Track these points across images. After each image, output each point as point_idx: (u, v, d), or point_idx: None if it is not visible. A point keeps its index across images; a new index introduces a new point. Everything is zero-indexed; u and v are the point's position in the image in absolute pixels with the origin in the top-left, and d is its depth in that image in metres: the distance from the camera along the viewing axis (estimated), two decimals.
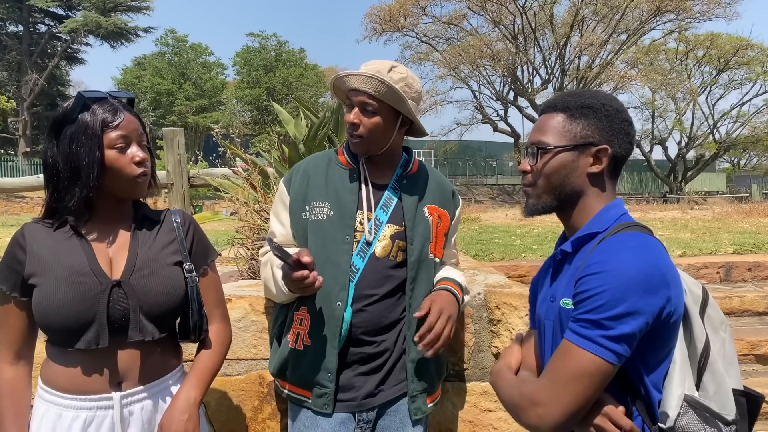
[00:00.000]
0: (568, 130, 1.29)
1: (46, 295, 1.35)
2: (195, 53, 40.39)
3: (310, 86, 39.49)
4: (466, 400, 2.30)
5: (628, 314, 1.10)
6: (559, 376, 1.15)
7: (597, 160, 1.28)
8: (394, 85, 1.69)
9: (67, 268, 1.38)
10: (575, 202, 1.31)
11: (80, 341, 1.37)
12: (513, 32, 28.99)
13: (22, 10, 30.60)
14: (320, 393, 1.72)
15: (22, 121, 30.19)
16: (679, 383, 1.18)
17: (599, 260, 1.16)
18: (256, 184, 3.23)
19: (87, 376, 1.39)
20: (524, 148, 1.38)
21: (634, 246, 1.16)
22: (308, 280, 1.55)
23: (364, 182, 1.80)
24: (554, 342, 1.28)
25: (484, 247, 7.03)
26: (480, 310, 2.31)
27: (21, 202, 18.84)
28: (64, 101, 1.45)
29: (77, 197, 1.38)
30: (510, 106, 31.26)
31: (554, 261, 1.36)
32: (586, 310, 1.14)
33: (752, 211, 14.10)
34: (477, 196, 31.30)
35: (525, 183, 1.38)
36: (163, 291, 1.45)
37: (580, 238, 1.29)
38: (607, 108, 1.29)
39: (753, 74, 31.96)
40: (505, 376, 1.35)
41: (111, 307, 1.38)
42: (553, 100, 1.36)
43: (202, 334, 1.56)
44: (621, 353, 1.11)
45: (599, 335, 1.11)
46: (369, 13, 31.23)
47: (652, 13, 27.41)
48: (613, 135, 1.28)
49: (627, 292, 1.10)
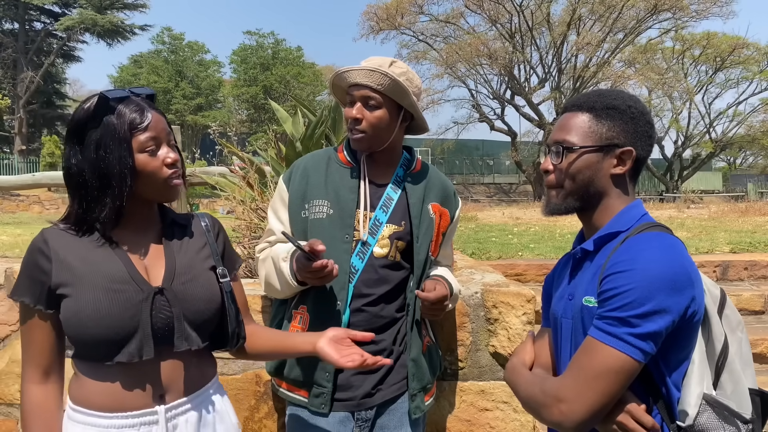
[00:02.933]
0: (594, 130, 1.29)
1: (82, 305, 1.25)
2: (192, 51, 40.30)
3: (307, 85, 39.43)
4: (463, 400, 2.30)
5: (655, 312, 1.10)
6: (584, 372, 1.15)
7: (621, 162, 1.29)
8: (398, 78, 1.68)
9: (105, 276, 1.27)
10: (597, 202, 1.32)
11: (121, 353, 1.26)
12: (510, 31, 28.98)
13: (18, 8, 30.45)
14: (318, 392, 1.72)
15: (18, 119, 30.07)
16: (698, 382, 1.18)
17: (625, 258, 1.16)
18: (253, 182, 3.23)
19: (128, 391, 1.29)
20: (545, 146, 1.37)
21: (660, 245, 1.17)
22: (327, 269, 1.56)
23: (364, 181, 1.79)
24: (573, 340, 1.28)
25: (481, 245, 7.04)
26: (477, 309, 2.31)
27: (17, 200, 18.77)
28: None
29: (109, 207, 1.28)
30: (507, 104, 31.25)
31: (574, 259, 1.36)
32: (612, 308, 1.14)
33: (748, 210, 14.13)
34: (474, 194, 31.33)
35: (549, 184, 1.36)
36: (205, 297, 1.38)
37: (602, 237, 1.28)
38: (633, 110, 1.29)
39: (749, 73, 32.04)
40: (522, 373, 1.34)
41: (154, 316, 1.30)
42: (577, 99, 1.36)
43: (240, 342, 1.47)
44: (647, 351, 1.12)
45: (626, 332, 1.12)
46: (366, 11, 31.23)
47: (649, 12, 27.43)
48: (637, 137, 1.29)
49: (654, 291, 1.10)
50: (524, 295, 2.30)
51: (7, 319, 2.48)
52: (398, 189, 1.82)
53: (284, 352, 1.55)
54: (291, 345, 1.50)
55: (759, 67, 31.60)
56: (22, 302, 1.29)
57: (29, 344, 1.31)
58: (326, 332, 1.44)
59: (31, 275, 1.28)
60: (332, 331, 1.44)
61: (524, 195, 30.21)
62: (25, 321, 1.31)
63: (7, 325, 2.48)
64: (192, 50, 40.33)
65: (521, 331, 2.28)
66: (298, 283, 1.68)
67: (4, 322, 2.48)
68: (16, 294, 1.30)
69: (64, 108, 34.62)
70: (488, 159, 37.17)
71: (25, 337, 1.32)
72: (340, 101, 1.88)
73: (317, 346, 1.42)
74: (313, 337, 1.45)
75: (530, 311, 2.30)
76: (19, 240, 6.72)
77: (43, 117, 32.31)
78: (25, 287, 1.28)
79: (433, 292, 1.68)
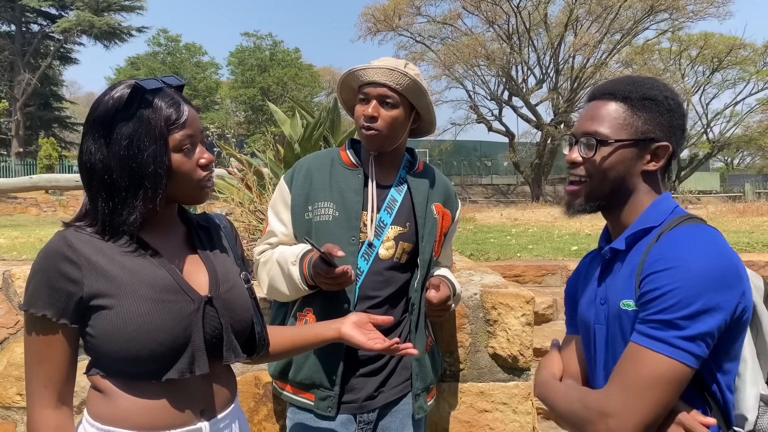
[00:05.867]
0: (629, 123, 1.19)
1: (130, 318, 1.12)
2: (189, 53, 40.32)
3: (304, 86, 39.45)
4: (463, 401, 2.30)
5: (704, 311, 1.01)
6: (632, 383, 1.06)
7: (655, 157, 1.20)
8: (417, 78, 1.69)
9: (150, 285, 1.15)
10: (625, 200, 1.22)
11: (172, 370, 1.16)
12: (507, 32, 29.00)
13: (14, 10, 30.41)
14: (324, 395, 1.71)
15: (15, 122, 29.99)
16: (753, 382, 1.11)
17: (666, 256, 1.07)
18: (251, 184, 3.23)
19: (173, 408, 1.18)
20: (569, 136, 1.25)
21: (702, 239, 1.08)
22: (348, 274, 1.57)
23: (372, 182, 1.78)
24: (610, 347, 1.20)
25: (479, 246, 7.04)
26: (476, 310, 2.31)
27: (14, 202, 18.72)
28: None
29: (139, 210, 1.15)
30: (505, 105, 31.25)
31: (603, 260, 1.26)
32: (656, 310, 1.05)
33: (746, 210, 14.16)
34: (472, 195, 31.33)
35: (575, 177, 1.25)
36: (245, 305, 1.30)
37: (634, 234, 1.19)
38: (670, 101, 1.20)
39: (746, 74, 32.10)
40: (556, 387, 1.25)
41: (205, 327, 1.20)
42: (610, 87, 1.24)
43: (265, 349, 1.38)
44: (699, 354, 1.03)
45: (674, 336, 1.03)
46: (363, 12, 31.23)
47: (646, 13, 27.47)
48: (672, 131, 1.20)
49: (702, 288, 1.02)
50: (523, 297, 2.30)
51: (5, 322, 2.47)
52: (402, 190, 1.82)
53: (306, 344, 1.48)
54: (313, 335, 1.45)
55: (756, 67, 31.67)
56: (43, 316, 1.11)
57: (43, 363, 1.14)
58: (348, 317, 1.45)
59: (55, 285, 1.11)
60: (354, 317, 1.45)
61: (522, 196, 30.21)
62: (40, 337, 1.14)
63: (5, 328, 2.47)
64: (189, 52, 40.35)
65: (520, 333, 2.28)
66: (309, 288, 1.68)
67: (1, 325, 2.47)
68: (33, 307, 1.12)
69: (61, 110, 34.62)
70: (486, 160, 37.15)
71: (39, 355, 1.15)
72: (346, 100, 1.87)
73: (342, 331, 1.41)
74: (336, 323, 1.44)
75: (529, 312, 2.30)
76: (17, 243, 6.70)
77: (40, 119, 32.24)
78: (46, 299, 1.11)
79: (436, 294, 1.68)
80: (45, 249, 1.14)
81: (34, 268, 1.14)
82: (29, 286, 1.14)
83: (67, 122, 34.22)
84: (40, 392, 1.14)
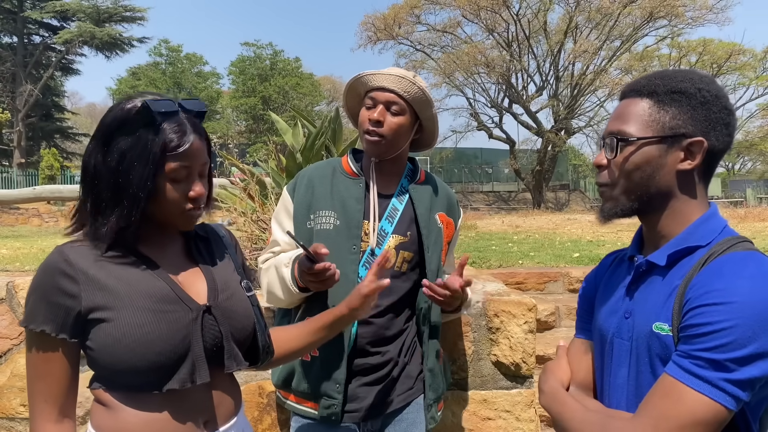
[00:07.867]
0: (656, 119, 1.11)
1: (126, 330, 1.12)
2: (190, 63, 40.51)
3: (305, 95, 39.59)
4: (466, 409, 2.30)
5: (759, 356, 0.93)
6: (666, 421, 0.97)
7: (689, 155, 1.10)
8: (425, 89, 1.70)
9: (147, 295, 1.15)
10: (662, 204, 1.13)
11: (172, 380, 1.15)
12: (507, 40, 29.10)
13: (16, 21, 30.63)
14: (328, 404, 1.70)
15: (17, 133, 30.14)
16: None
17: (718, 288, 0.98)
18: (253, 194, 3.24)
19: (175, 420, 1.17)
20: (599, 139, 1.21)
21: (759, 272, 0.99)
22: (330, 272, 1.53)
23: (373, 191, 1.79)
24: (635, 365, 1.12)
25: (481, 254, 7.03)
26: (479, 318, 2.31)
27: (16, 213, 18.74)
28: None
29: (111, 225, 1.15)
30: (505, 113, 31.32)
31: (635, 270, 1.16)
32: (705, 347, 0.96)
33: (747, 215, 14.14)
34: (473, 203, 31.31)
35: (600, 181, 1.18)
36: (246, 313, 1.29)
37: (678, 252, 1.10)
38: (704, 93, 1.09)
39: (746, 79, 32.23)
40: (567, 402, 1.17)
41: (204, 336, 1.20)
42: (637, 83, 1.17)
43: (269, 357, 1.37)
44: (742, 399, 0.95)
45: (721, 378, 0.94)
46: (363, 21, 31.36)
47: (645, 20, 27.56)
48: (709, 126, 1.09)
49: (759, 330, 0.93)
50: (525, 304, 2.30)
51: (9, 333, 2.48)
52: (403, 199, 1.82)
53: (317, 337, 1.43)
54: (324, 322, 1.41)
55: (755, 72, 31.77)
56: (42, 331, 1.12)
57: (44, 378, 1.14)
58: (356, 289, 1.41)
59: (53, 300, 1.12)
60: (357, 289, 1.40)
61: (523, 203, 30.19)
62: (40, 352, 1.14)
63: (9, 339, 2.48)
64: (190, 62, 40.56)
65: (523, 340, 2.28)
66: (299, 290, 1.67)
67: (5, 336, 2.48)
68: (32, 322, 1.13)
69: (63, 121, 34.77)
70: (487, 167, 37.15)
71: (39, 370, 1.15)
72: (350, 107, 1.88)
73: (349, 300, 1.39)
74: (343, 302, 1.41)
75: (531, 320, 2.30)
76: (19, 253, 6.71)
77: (42, 130, 32.38)
78: (44, 314, 1.12)
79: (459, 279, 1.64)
80: (43, 265, 1.15)
81: (33, 285, 1.15)
82: (28, 302, 1.15)
83: (69, 133, 34.37)
84: (42, 407, 1.15)
